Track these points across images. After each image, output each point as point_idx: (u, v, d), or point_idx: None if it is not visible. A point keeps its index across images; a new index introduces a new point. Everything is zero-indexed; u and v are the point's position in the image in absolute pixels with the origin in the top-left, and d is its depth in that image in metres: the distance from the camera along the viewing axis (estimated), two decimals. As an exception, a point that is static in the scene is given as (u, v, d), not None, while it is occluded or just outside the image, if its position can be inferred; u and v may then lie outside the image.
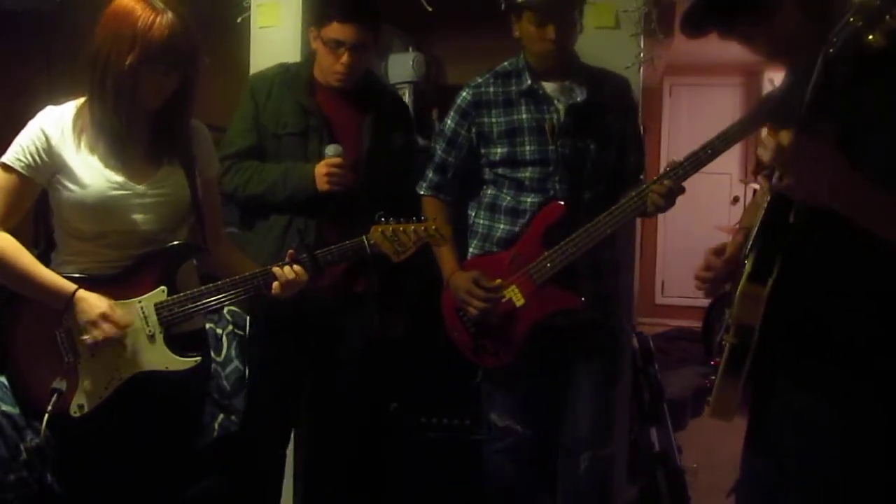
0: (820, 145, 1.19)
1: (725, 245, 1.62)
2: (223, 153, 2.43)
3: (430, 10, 2.81)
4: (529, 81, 2.33)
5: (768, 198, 1.37)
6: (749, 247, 1.43)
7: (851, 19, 1.10)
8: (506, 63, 2.41)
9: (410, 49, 3.61)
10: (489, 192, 2.41)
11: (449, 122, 2.43)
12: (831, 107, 1.18)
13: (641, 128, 2.63)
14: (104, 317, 1.76)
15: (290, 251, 1.96)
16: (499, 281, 2.31)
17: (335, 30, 2.32)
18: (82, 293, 1.77)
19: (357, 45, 2.34)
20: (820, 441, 1.34)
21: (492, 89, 2.38)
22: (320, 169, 2.34)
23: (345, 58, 2.34)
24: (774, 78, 6.16)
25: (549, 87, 2.34)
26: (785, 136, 1.18)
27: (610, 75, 2.46)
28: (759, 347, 1.35)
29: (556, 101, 2.34)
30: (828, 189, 1.21)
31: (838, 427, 1.32)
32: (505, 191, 2.37)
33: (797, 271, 1.33)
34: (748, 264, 1.39)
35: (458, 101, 2.42)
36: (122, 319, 1.79)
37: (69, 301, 1.77)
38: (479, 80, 2.41)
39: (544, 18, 2.22)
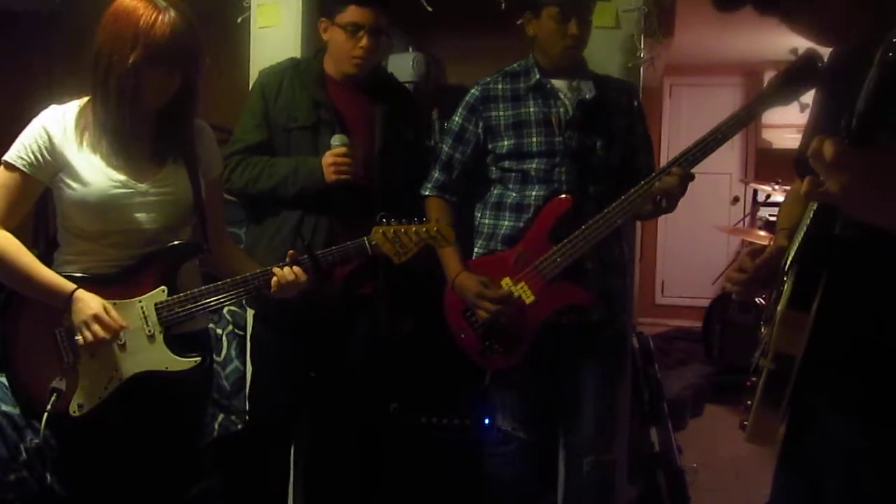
0: (877, 150, 1.02)
1: (765, 248, 1.51)
2: (231, 149, 2.43)
3: (430, 10, 2.81)
4: (538, 76, 2.35)
5: (813, 207, 1.24)
6: (789, 262, 1.32)
7: None
8: (515, 64, 2.43)
9: (410, 49, 3.61)
10: (495, 191, 2.41)
11: (456, 118, 2.44)
12: (888, 116, 1.03)
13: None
14: (96, 318, 1.75)
15: (291, 251, 1.96)
16: (507, 280, 2.30)
17: (353, 13, 2.35)
18: (80, 293, 1.77)
19: (375, 27, 2.37)
20: (864, 470, 1.26)
21: (500, 86, 2.40)
22: (326, 160, 2.34)
23: (364, 41, 2.36)
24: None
25: (557, 83, 2.37)
26: (829, 147, 1.02)
27: (617, 80, 2.50)
28: (800, 371, 1.25)
29: (563, 97, 2.36)
30: (884, 203, 1.04)
31: (884, 457, 1.24)
32: (510, 186, 2.36)
33: (844, 292, 1.22)
34: (787, 285, 1.28)
35: (467, 97, 2.44)
36: (116, 321, 1.78)
37: (68, 300, 1.77)
38: (488, 79, 2.44)
39: (567, 14, 2.25)
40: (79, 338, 1.76)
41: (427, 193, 2.47)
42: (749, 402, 1.34)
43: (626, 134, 2.40)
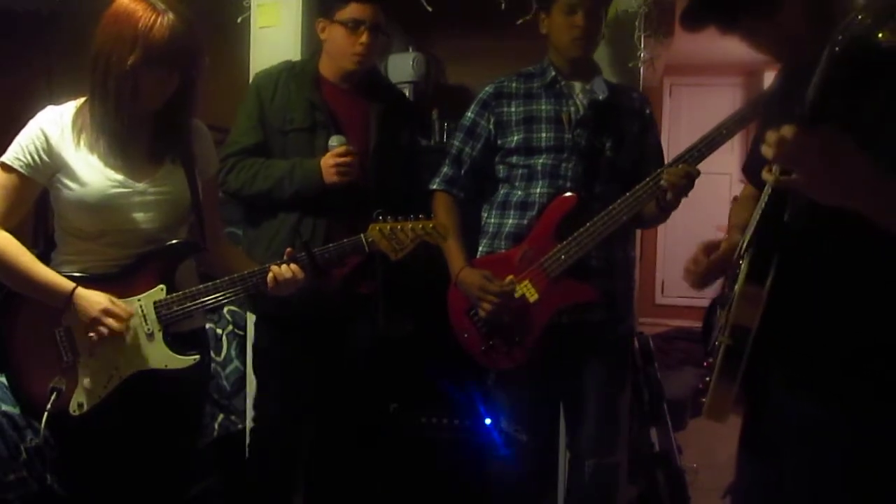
0: (832, 135, 1.12)
1: (720, 242, 1.59)
2: (227, 151, 2.44)
3: (430, 10, 2.81)
4: (553, 73, 2.37)
5: (767, 194, 1.32)
6: (745, 246, 1.39)
7: (860, 16, 1.05)
8: (531, 67, 2.45)
9: (410, 49, 3.61)
10: (502, 191, 2.41)
11: (469, 114, 2.45)
12: (835, 106, 1.12)
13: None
14: (106, 312, 1.77)
15: (288, 249, 1.96)
16: (511, 277, 2.29)
17: (354, 10, 2.38)
18: (81, 291, 1.78)
19: (375, 24, 2.39)
20: (820, 445, 1.31)
21: (514, 84, 2.43)
22: (327, 161, 2.35)
23: (364, 38, 2.38)
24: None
25: (571, 84, 2.39)
26: (789, 129, 1.13)
27: (631, 87, 2.53)
28: (755, 348, 1.32)
29: (575, 96, 2.37)
30: (843, 183, 1.13)
31: (838, 431, 1.29)
32: (517, 184, 2.37)
33: (794, 272, 1.30)
34: (744, 264, 1.36)
35: (481, 94, 2.46)
36: (124, 312, 1.79)
37: (68, 300, 1.77)
38: (503, 78, 2.46)
39: (574, 6, 2.29)
40: (91, 334, 1.77)
41: (434, 187, 2.47)
42: (707, 380, 1.40)
43: (636, 139, 2.40)
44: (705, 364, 1.46)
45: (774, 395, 1.39)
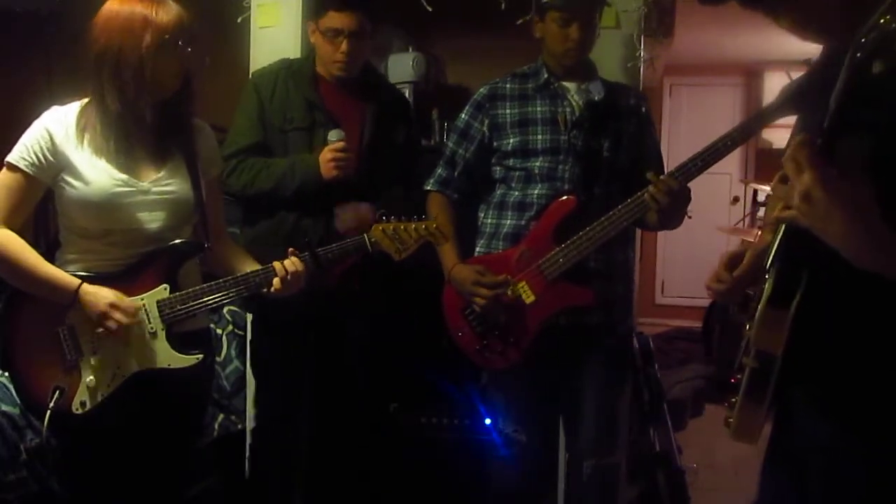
0: (849, 189, 1.05)
1: (743, 254, 1.51)
2: (227, 152, 2.43)
3: (430, 10, 2.81)
4: (546, 76, 2.36)
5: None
6: (770, 261, 1.31)
7: (883, 20, 0.97)
8: (525, 67, 2.44)
9: (410, 49, 3.61)
10: (499, 191, 2.40)
11: (463, 115, 2.45)
12: (858, 117, 1.06)
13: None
14: (113, 306, 1.78)
15: (291, 249, 1.96)
16: (507, 277, 2.28)
17: (332, 19, 2.36)
18: (87, 287, 1.78)
19: (355, 32, 2.37)
20: (839, 464, 1.27)
21: (508, 85, 2.41)
22: (325, 155, 2.35)
23: (344, 46, 2.37)
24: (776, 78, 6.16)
25: (565, 84, 2.38)
26: (799, 145, 1.06)
27: (627, 86, 2.52)
28: (782, 371, 1.26)
29: (570, 97, 2.36)
30: (846, 238, 1.08)
31: (856, 450, 1.24)
32: (514, 185, 2.36)
33: (821, 290, 1.23)
34: (768, 283, 1.29)
35: (475, 96, 2.45)
36: (131, 307, 1.80)
37: (74, 297, 1.78)
38: (497, 80, 2.45)
39: (569, 18, 2.27)
40: (100, 330, 1.78)
41: (429, 188, 2.47)
42: (733, 400, 1.34)
43: (634, 138, 2.38)
44: (732, 381, 1.37)
45: (796, 411, 1.35)
